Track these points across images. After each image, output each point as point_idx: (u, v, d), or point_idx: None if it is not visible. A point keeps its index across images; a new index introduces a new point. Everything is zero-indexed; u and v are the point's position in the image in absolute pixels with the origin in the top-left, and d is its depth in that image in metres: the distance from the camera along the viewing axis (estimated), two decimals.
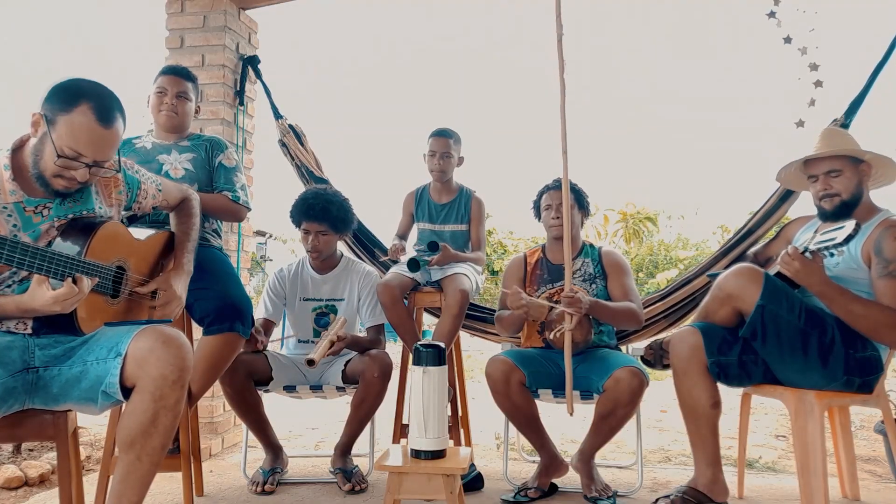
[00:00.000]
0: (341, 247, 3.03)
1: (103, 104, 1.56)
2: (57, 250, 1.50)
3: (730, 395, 2.35)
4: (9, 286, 1.59)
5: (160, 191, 1.96)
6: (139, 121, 2.58)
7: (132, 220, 2.16)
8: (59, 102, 1.53)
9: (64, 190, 1.60)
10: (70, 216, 1.65)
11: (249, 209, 2.55)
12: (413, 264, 2.68)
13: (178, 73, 2.49)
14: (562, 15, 2.27)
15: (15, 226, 1.57)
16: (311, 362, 2.37)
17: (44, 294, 1.45)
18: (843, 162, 2.12)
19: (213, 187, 2.47)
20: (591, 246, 2.65)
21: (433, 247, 2.75)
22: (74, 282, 1.48)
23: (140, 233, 1.88)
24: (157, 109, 2.47)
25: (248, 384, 2.51)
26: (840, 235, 1.83)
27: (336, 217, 2.66)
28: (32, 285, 1.47)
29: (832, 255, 1.95)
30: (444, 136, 2.91)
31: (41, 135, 1.55)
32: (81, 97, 1.53)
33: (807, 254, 1.94)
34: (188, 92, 2.49)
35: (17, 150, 1.62)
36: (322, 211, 2.63)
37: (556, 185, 2.58)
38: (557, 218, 2.54)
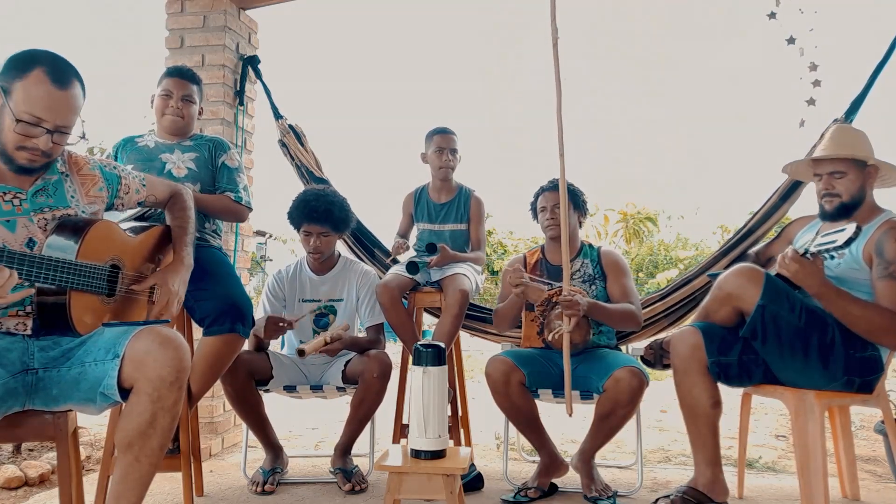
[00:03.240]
0: (340, 247, 3.03)
1: (57, 67, 1.56)
2: (48, 254, 1.49)
3: (730, 395, 2.35)
4: None
5: (144, 185, 1.95)
6: (141, 121, 2.58)
7: (143, 219, 2.16)
8: (13, 70, 1.53)
9: (28, 164, 1.58)
10: (47, 209, 1.64)
11: (251, 209, 2.56)
12: (412, 267, 2.68)
13: (183, 76, 2.49)
14: (556, 18, 2.26)
15: None
16: (301, 353, 2.38)
17: None
18: (847, 164, 2.12)
19: (216, 187, 2.47)
20: (590, 246, 2.65)
21: (431, 248, 2.75)
22: None
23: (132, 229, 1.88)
24: (161, 112, 2.46)
25: (248, 384, 2.51)
26: (841, 238, 1.82)
27: (338, 218, 2.67)
28: None
29: (832, 257, 1.95)
30: (448, 133, 2.93)
31: (0, 107, 1.54)
32: (35, 63, 1.54)
33: (807, 255, 1.94)
34: (193, 95, 2.49)
35: None
36: (325, 213, 2.62)
37: (551, 187, 2.59)
38: (552, 219, 2.55)
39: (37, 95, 1.52)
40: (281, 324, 2.55)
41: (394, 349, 3.22)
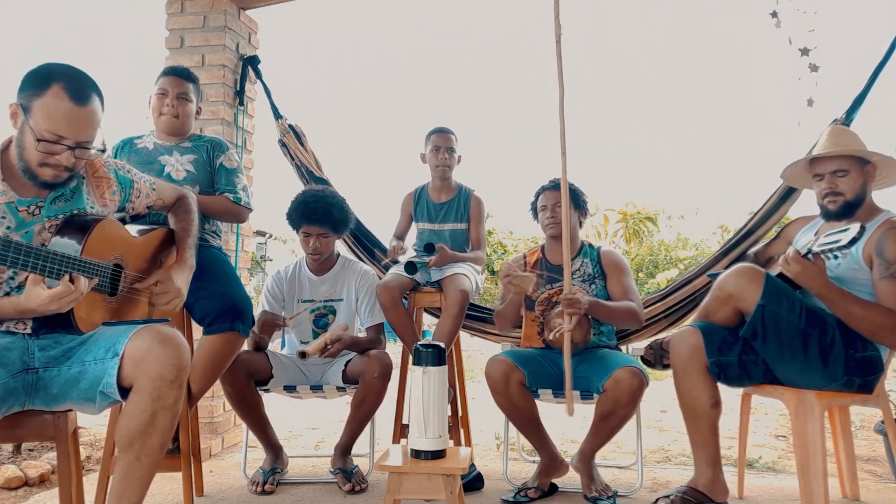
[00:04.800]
0: (339, 247, 3.03)
1: (76, 83, 1.54)
2: (53, 249, 1.50)
3: (730, 395, 2.35)
4: (7, 293, 1.58)
5: (154, 190, 1.95)
6: (142, 123, 2.57)
7: (134, 219, 2.16)
8: (31, 88, 1.52)
9: (52, 180, 1.58)
10: (62, 216, 1.64)
11: (251, 210, 2.55)
12: (410, 267, 2.68)
13: (179, 74, 2.48)
14: (560, 15, 2.27)
15: (9, 227, 1.56)
16: (302, 354, 2.39)
17: (39, 294, 1.44)
18: (849, 162, 2.12)
19: (215, 189, 2.47)
20: (590, 246, 2.65)
21: (430, 248, 2.75)
22: (71, 280, 1.47)
23: (136, 230, 1.88)
24: (157, 112, 2.46)
25: (248, 384, 2.51)
26: (845, 238, 1.82)
27: (337, 219, 2.67)
28: (28, 285, 1.46)
29: (836, 257, 1.95)
30: (445, 132, 2.94)
31: (20, 124, 1.54)
32: (52, 79, 1.52)
33: (809, 255, 1.94)
34: (189, 93, 2.48)
35: (4, 150, 1.61)
36: (325, 214, 2.62)
37: (552, 186, 2.60)
38: (552, 218, 2.55)
39: (56, 114, 1.50)
40: (277, 321, 2.56)
41: (394, 349, 3.22)
